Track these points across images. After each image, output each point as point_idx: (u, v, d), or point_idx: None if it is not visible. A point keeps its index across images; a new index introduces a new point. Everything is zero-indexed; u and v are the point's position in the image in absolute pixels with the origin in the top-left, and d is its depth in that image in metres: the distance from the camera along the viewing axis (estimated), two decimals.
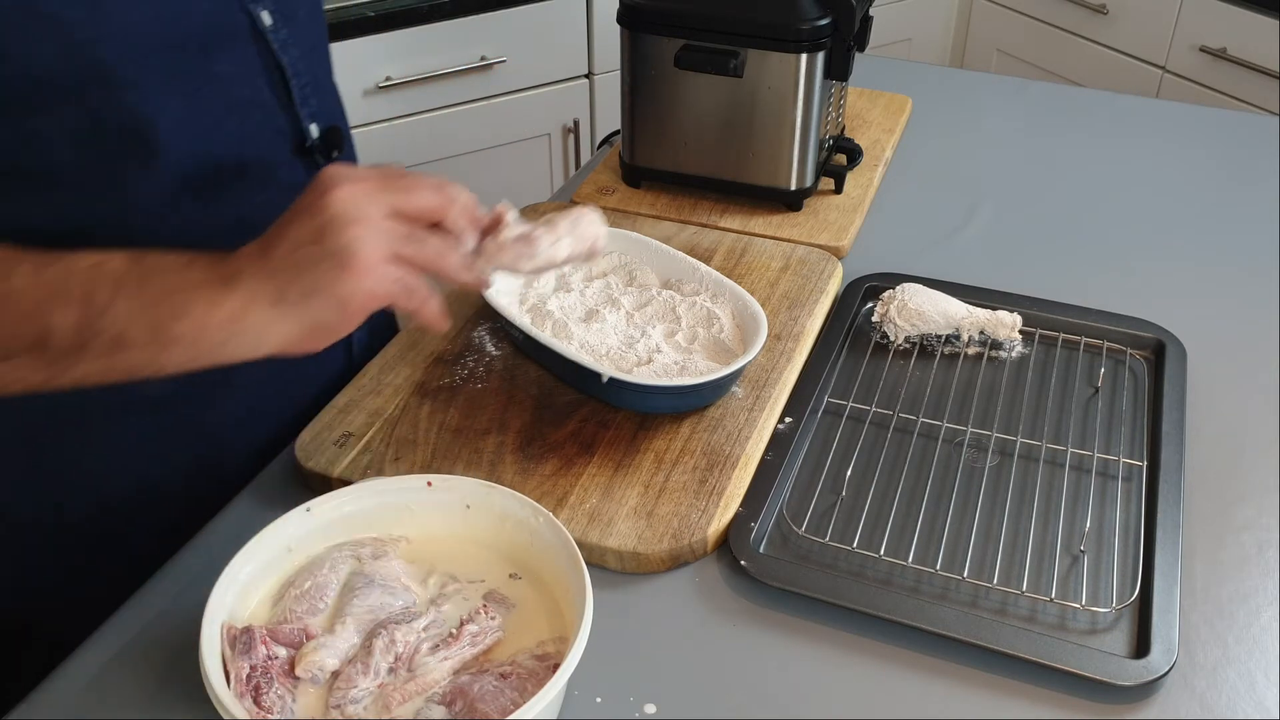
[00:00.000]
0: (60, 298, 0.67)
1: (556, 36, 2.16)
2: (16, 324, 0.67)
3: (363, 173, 0.69)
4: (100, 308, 0.67)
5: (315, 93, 0.92)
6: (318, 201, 0.68)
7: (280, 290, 0.67)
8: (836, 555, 0.88)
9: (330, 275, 0.66)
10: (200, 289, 0.68)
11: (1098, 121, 1.52)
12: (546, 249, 0.77)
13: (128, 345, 0.67)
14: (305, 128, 0.92)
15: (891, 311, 1.08)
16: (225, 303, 0.67)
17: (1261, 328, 1.12)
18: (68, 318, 0.67)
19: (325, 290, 0.67)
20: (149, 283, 0.68)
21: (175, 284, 0.68)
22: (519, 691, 0.71)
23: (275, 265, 0.67)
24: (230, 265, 0.68)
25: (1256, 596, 0.85)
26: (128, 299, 0.67)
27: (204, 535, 0.90)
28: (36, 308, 0.67)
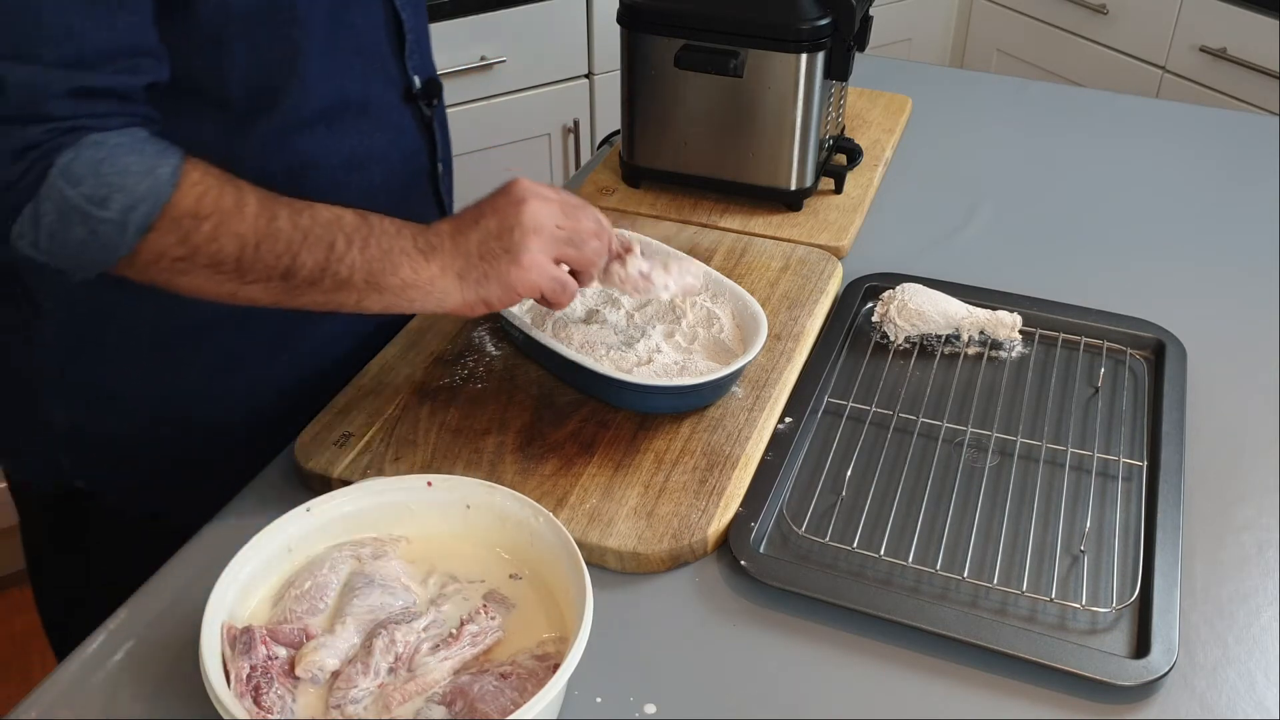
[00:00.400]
0: (309, 241, 0.82)
1: (556, 36, 2.15)
2: (276, 256, 0.81)
3: (548, 192, 0.89)
4: (338, 255, 0.83)
5: (419, 48, 1.04)
6: (510, 209, 0.87)
7: (466, 269, 0.86)
8: (836, 555, 0.88)
9: (505, 267, 0.86)
10: (408, 254, 0.85)
11: (1098, 121, 1.52)
12: (658, 289, 0.96)
13: (348, 287, 0.84)
14: (411, 78, 1.03)
15: (891, 311, 1.08)
16: (424, 270, 0.85)
17: (1261, 328, 1.12)
18: (313, 257, 0.82)
19: (498, 278, 0.86)
20: (372, 241, 0.84)
21: (391, 246, 0.84)
22: (519, 691, 0.71)
23: (466, 249, 0.86)
24: (431, 239, 0.86)
25: (1256, 596, 0.85)
26: (357, 251, 0.83)
27: (204, 535, 0.90)
28: (290, 246, 0.81)
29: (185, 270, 0.80)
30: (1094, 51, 2.51)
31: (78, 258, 0.78)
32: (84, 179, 0.76)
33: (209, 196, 0.79)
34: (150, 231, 0.78)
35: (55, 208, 0.76)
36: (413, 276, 0.85)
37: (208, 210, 0.79)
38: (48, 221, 0.76)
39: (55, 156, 0.75)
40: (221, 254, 0.80)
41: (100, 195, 0.76)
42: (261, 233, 0.81)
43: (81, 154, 0.76)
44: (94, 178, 0.76)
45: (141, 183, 0.77)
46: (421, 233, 0.86)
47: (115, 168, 0.77)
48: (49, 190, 0.75)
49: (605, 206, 1.30)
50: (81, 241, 0.77)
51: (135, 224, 0.77)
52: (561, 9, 2.13)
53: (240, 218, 0.80)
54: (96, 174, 0.76)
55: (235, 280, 0.81)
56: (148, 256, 0.79)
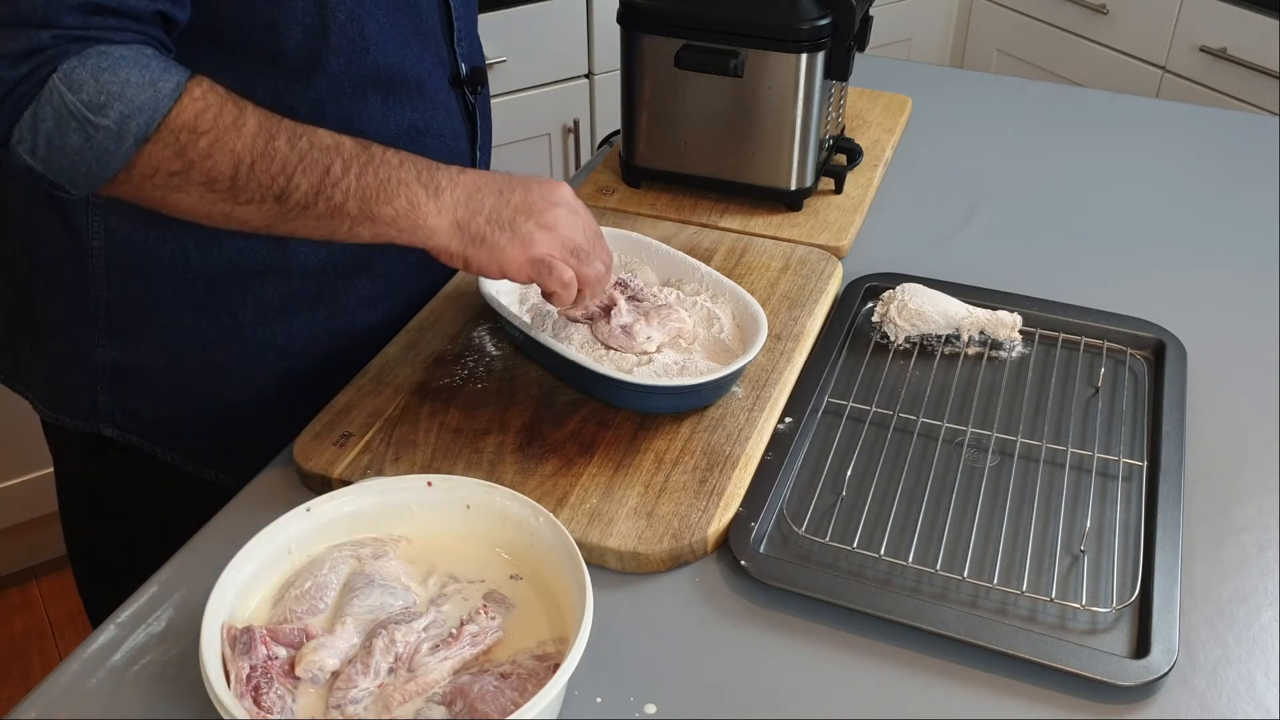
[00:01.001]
0: (305, 164, 0.82)
1: (556, 36, 2.15)
2: (271, 177, 0.82)
3: (581, 210, 0.92)
4: (333, 180, 0.83)
5: (467, 36, 1.08)
6: (540, 201, 0.89)
7: (467, 221, 0.87)
8: (836, 555, 0.88)
9: (504, 241, 0.87)
10: (407, 185, 0.85)
11: (1098, 121, 1.52)
12: (641, 343, 0.99)
13: (340, 214, 0.84)
14: (460, 64, 1.07)
15: (891, 311, 1.08)
16: (422, 205, 0.86)
17: (1261, 328, 1.12)
18: (307, 180, 0.83)
19: (493, 247, 0.87)
20: (369, 169, 0.84)
21: (390, 176, 0.85)
22: (519, 691, 0.71)
23: (477, 206, 0.87)
24: (440, 179, 0.87)
25: (1256, 596, 0.85)
26: (353, 177, 0.84)
27: (204, 535, 0.90)
28: (285, 167, 0.82)
29: (179, 186, 0.81)
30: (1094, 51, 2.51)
31: (73, 168, 0.79)
32: (84, 85, 0.76)
33: (209, 113, 0.80)
34: (147, 143, 0.78)
35: (54, 113, 0.76)
36: (407, 208, 0.85)
37: (206, 126, 0.80)
38: (46, 128, 0.77)
39: (59, 62, 0.76)
40: (216, 171, 0.80)
41: (99, 103, 0.76)
42: (258, 152, 0.81)
43: (85, 62, 0.76)
44: (94, 85, 0.76)
45: (141, 94, 0.77)
46: (430, 169, 0.87)
47: (117, 77, 0.77)
48: (49, 94, 0.76)
49: (605, 206, 1.30)
50: (77, 150, 0.77)
51: (132, 133, 0.78)
52: (561, 9, 2.13)
53: (238, 135, 0.81)
54: (97, 82, 0.76)
55: (229, 200, 0.82)
56: (143, 169, 0.79)
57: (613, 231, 1.11)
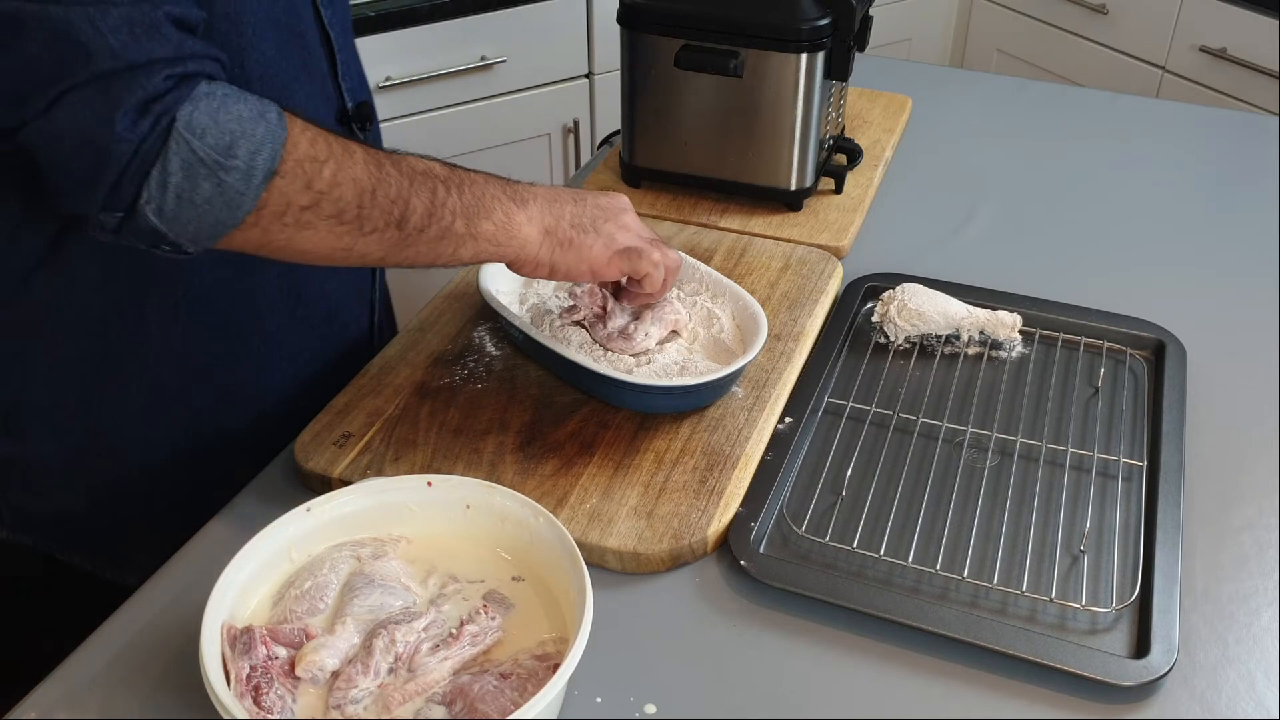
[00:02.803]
0: (415, 187, 0.82)
1: (556, 36, 2.15)
2: (391, 202, 0.81)
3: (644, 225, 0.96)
4: (440, 201, 0.83)
5: (350, 71, 1.02)
6: (610, 206, 0.93)
7: (553, 228, 0.89)
8: (836, 555, 0.88)
9: (590, 241, 0.90)
10: (499, 200, 0.87)
11: (1098, 121, 1.52)
12: (640, 341, 0.99)
13: (449, 235, 0.84)
14: (345, 100, 1.01)
15: (891, 311, 1.08)
16: (515, 216, 0.87)
17: (1261, 328, 1.12)
18: (421, 203, 0.82)
19: (580, 249, 0.90)
20: (465, 187, 0.85)
21: (482, 192, 0.86)
22: (519, 691, 0.71)
23: (558, 212, 0.90)
24: (522, 192, 0.89)
25: (1256, 596, 0.85)
26: (455, 197, 0.84)
27: (204, 535, 0.90)
28: (401, 192, 0.81)
29: (309, 223, 0.78)
30: (1094, 51, 2.51)
31: (200, 219, 0.74)
32: (207, 130, 0.73)
33: (320, 141, 0.78)
34: (276, 177, 0.75)
35: (182, 164, 0.72)
36: (504, 220, 0.86)
37: (323, 154, 0.78)
38: (175, 181, 0.73)
39: (177, 109, 0.72)
40: (343, 201, 0.78)
41: (224, 144, 0.73)
42: (375, 178, 0.80)
43: (199, 104, 0.73)
44: (215, 127, 0.73)
45: (257, 127, 0.75)
46: (509, 184, 0.88)
47: (230, 115, 0.74)
48: (176, 146, 0.72)
49: None
50: (207, 199, 0.74)
51: (261, 169, 0.74)
52: (561, 9, 2.13)
53: (353, 162, 0.79)
54: (217, 123, 0.73)
55: (355, 232, 0.79)
56: (274, 208, 0.76)
57: None
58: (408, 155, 0.83)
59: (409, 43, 1.99)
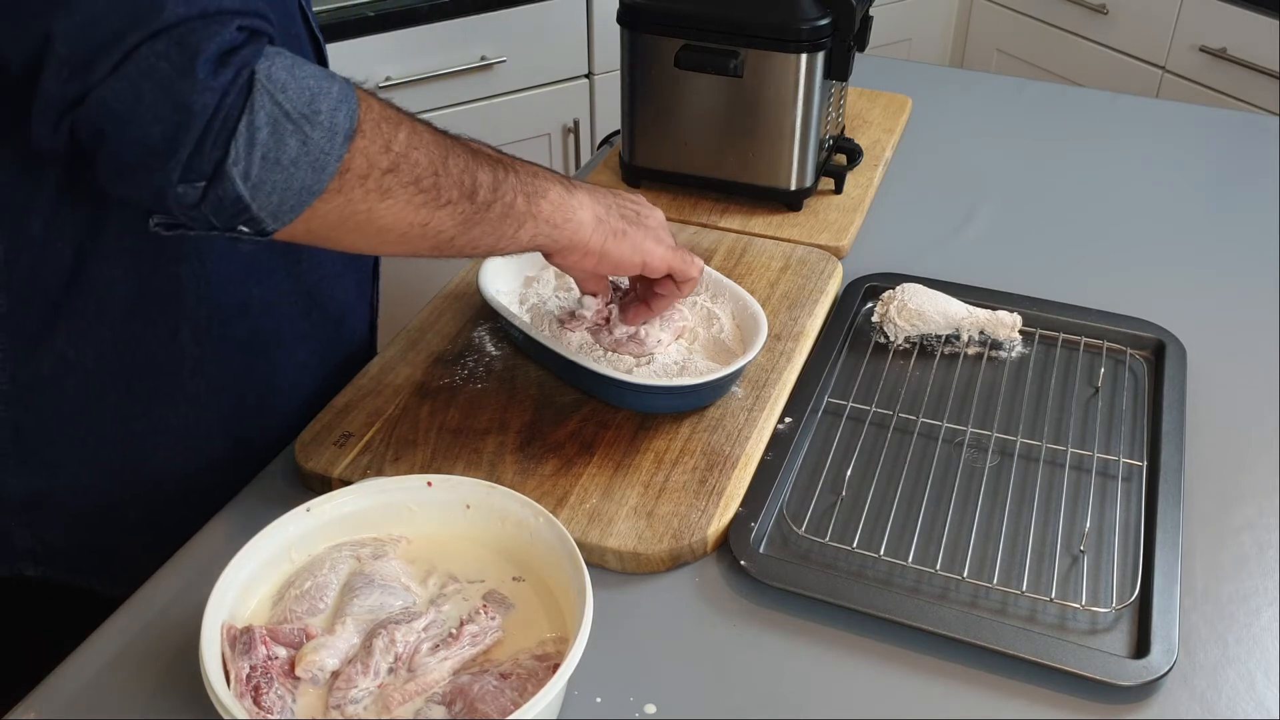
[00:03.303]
0: (477, 159, 0.81)
1: (556, 36, 2.15)
2: (461, 172, 0.79)
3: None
4: (501, 177, 0.82)
5: None
6: (643, 206, 0.94)
7: (605, 215, 0.89)
8: (836, 555, 0.88)
9: (641, 234, 0.91)
10: (551, 181, 0.86)
11: (1098, 121, 1.52)
12: (652, 345, 1.01)
13: (512, 213, 0.83)
14: None
15: (891, 311, 1.08)
16: (571, 198, 0.87)
17: (1261, 328, 1.12)
18: (486, 177, 0.81)
19: (632, 239, 0.90)
20: (518, 165, 0.85)
21: (534, 173, 0.85)
22: (519, 691, 0.71)
23: (605, 201, 0.90)
24: (563, 179, 0.88)
25: (1256, 596, 0.85)
26: (512, 175, 0.83)
27: (204, 535, 0.90)
28: (468, 163, 0.80)
29: (389, 189, 0.74)
30: (1094, 51, 2.51)
31: (286, 184, 0.70)
32: (287, 85, 0.69)
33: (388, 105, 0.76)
34: (357, 136, 0.72)
35: (268, 118, 0.68)
36: (560, 202, 0.86)
37: (394, 117, 0.76)
38: (262, 138, 0.68)
39: (255, 62, 0.68)
40: (420, 166, 0.76)
41: (306, 99, 0.70)
42: (445, 146, 0.78)
43: (275, 60, 0.69)
44: (294, 83, 0.70)
45: (333, 85, 0.72)
46: (549, 172, 0.87)
47: (306, 72, 0.71)
48: (261, 100, 0.68)
49: None
50: (294, 159, 0.70)
51: (343, 127, 0.71)
52: (561, 9, 2.13)
53: (422, 128, 0.77)
54: (295, 79, 0.70)
55: (432, 202, 0.77)
56: (358, 170, 0.73)
57: None
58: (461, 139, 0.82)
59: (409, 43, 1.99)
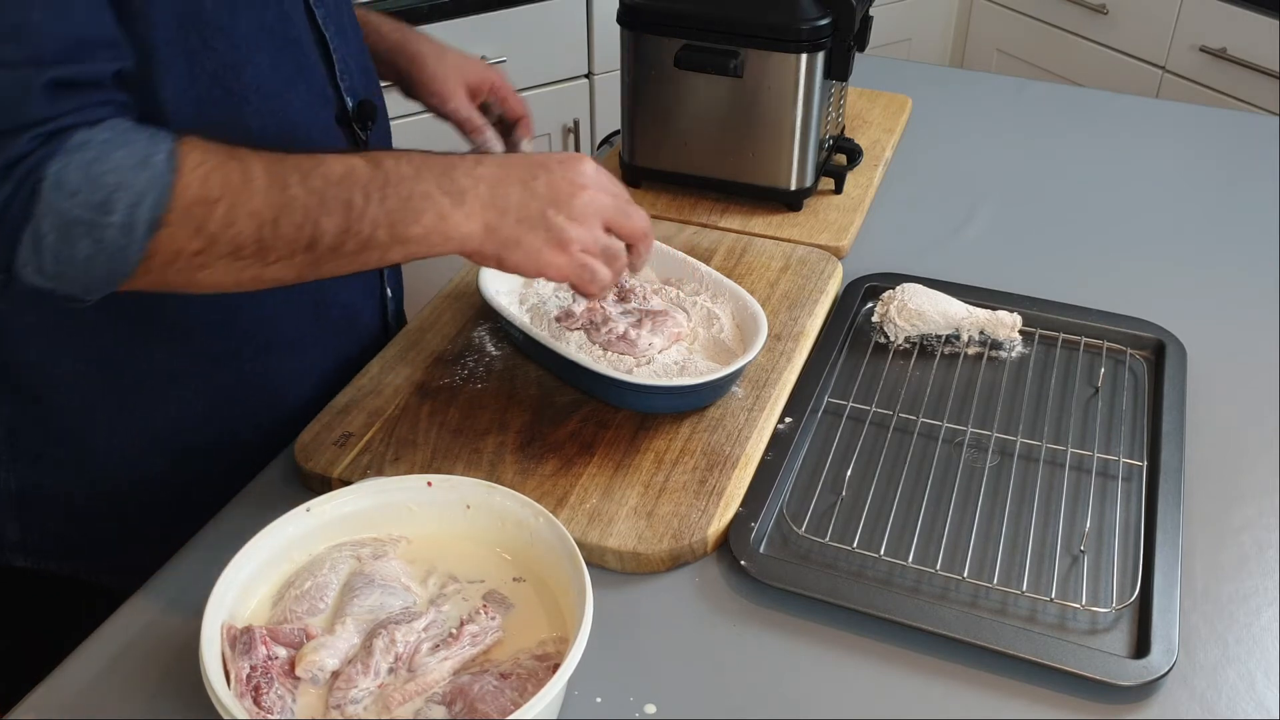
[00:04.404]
0: (326, 204, 0.77)
1: (556, 36, 2.15)
2: (297, 228, 0.76)
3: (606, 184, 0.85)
4: (358, 213, 0.78)
5: (348, 70, 0.99)
6: (566, 185, 0.83)
7: (497, 224, 0.81)
8: (836, 555, 0.88)
9: (540, 243, 0.82)
10: (430, 198, 0.80)
11: (1098, 121, 1.52)
12: (644, 348, 0.99)
13: (371, 246, 0.79)
14: (345, 99, 0.99)
15: (891, 311, 1.08)
16: (451, 216, 0.80)
17: (1261, 328, 1.12)
18: (333, 222, 0.77)
19: (529, 250, 0.82)
20: (390, 191, 0.79)
21: (411, 192, 0.79)
22: (519, 691, 0.71)
23: (503, 204, 0.81)
24: (460, 181, 0.81)
25: (1256, 596, 0.85)
26: (376, 205, 0.78)
27: (204, 535, 0.90)
28: (308, 214, 0.76)
29: (204, 264, 0.75)
30: (1094, 51, 2.51)
31: (86, 277, 0.72)
32: (79, 187, 0.70)
33: (215, 176, 0.74)
34: (162, 228, 0.72)
35: (55, 225, 0.70)
36: (437, 222, 0.80)
37: (216, 192, 0.73)
38: (50, 242, 0.70)
39: (44, 168, 0.69)
40: (241, 238, 0.75)
41: (99, 199, 0.70)
42: (278, 206, 0.75)
43: (70, 159, 0.70)
44: (89, 183, 0.70)
45: (139, 176, 0.71)
46: (447, 171, 0.81)
47: (107, 166, 0.71)
48: (44, 208, 0.69)
49: None
50: (88, 257, 0.71)
51: (143, 222, 0.71)
52: (561, 9, 2.13)
53: (251, 193, 0.75)
54: (89, 177, 0.70)
55: (258, 263, 0.76)
56: (164, 257, 0.73)
57: None
58: (326, 160, 0.78)
59: None
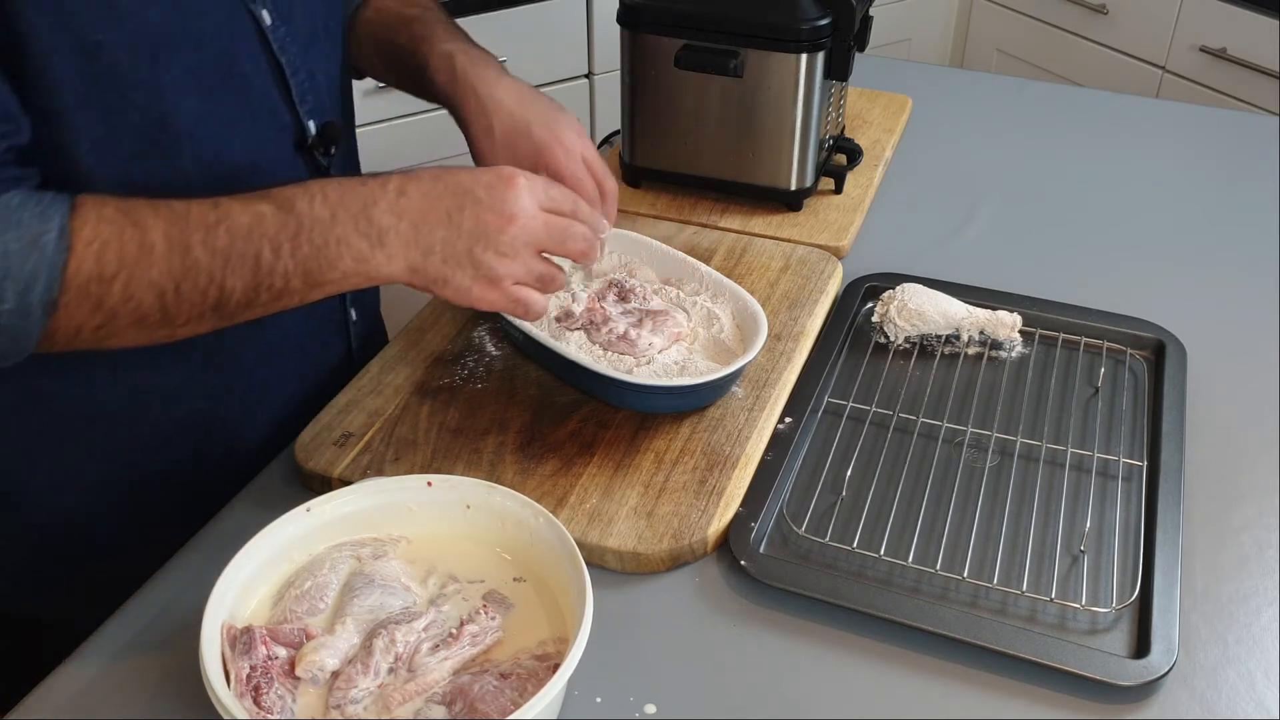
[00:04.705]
0: (232, 263, 0.74)
1: (556, 36, 2.15)
2: (202, 292, 0.74)
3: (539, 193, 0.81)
4: (267, 268, 0.75)
5: (312, 89, 0.94)
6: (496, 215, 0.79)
7: (422, 264, 0.78)
8: (836, 555, 0.88)
9: (469, 281, 0.79)
10: (348, 243, 0.77)
11: (1098, 121, 1.52)
12: (644, 348, 0.98)
13: (287, 294, 0.77)
14: (305, 124, 0.94)
15: (891, 311, 1.08)
16: (371, 259, 0.77)
17: (1261, 328, 1.12)
18: (241, 280, 0.75)
19: (457, 287, 0.80)
20: (302, 239, 0.76)
21: (326, 238, 0.76)
22: (519, 691, 0.71)
23: (427, 244, 0.78)
24: (381, 220, 0.77)
25: (1256, 596, 0.85)
26: (287, 257, 0.75)
27: (204, 535, 0.90)
28: (213, 276, 0.74)
29: (109, 335, 0.74)
30: (1094, 51, 2.51)
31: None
32: None
33: (110, 250, 0.71)
34: (58, 309, 0.71)
35: None
36: (356, 266, 0.77)
37: (113, 268, 0.71)
38: None
39: None
40: (142, 309, 0.73)
41: None
42: (179, 272, 0.73)
43: None
44: None
45: (28, 260, 0.69)
46: (367, 210, 0.77)
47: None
48: None
49: None
50: None
51: (37, 306, 0.70)
52: (561, 9, 2.13)
53: (150, 262, 0.72)
54: None
55: (164, 327, 0.75)
56: (65, 333, 0.73)
57: (613, 231, 1.11)
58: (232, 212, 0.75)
59: None
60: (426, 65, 1.03)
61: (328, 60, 0.98)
